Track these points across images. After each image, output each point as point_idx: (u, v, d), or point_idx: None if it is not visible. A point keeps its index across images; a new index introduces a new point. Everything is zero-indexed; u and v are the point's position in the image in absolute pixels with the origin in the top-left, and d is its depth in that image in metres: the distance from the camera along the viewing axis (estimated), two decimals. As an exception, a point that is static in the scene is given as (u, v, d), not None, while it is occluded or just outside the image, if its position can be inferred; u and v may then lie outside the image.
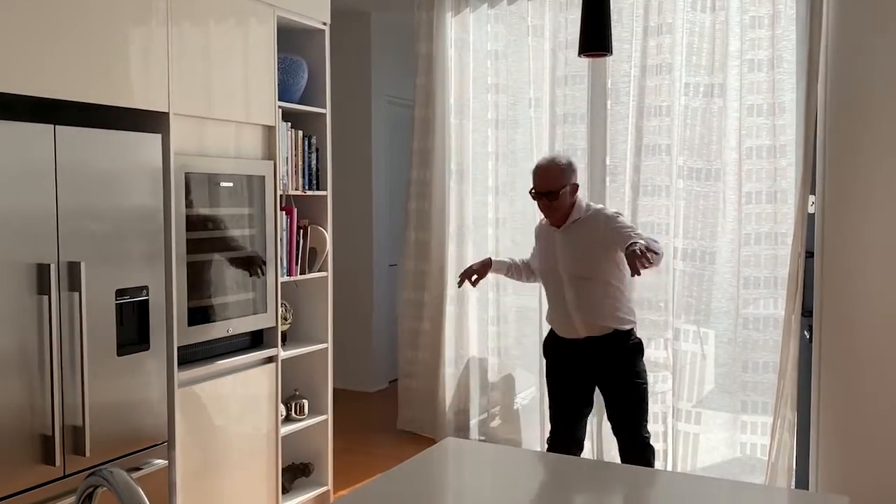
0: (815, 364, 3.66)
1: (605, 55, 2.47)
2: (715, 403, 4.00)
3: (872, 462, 3.54)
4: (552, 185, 3.29)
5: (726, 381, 3.92)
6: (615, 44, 3.79)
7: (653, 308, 4.04)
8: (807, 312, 3.65)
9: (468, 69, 4.66)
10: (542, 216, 3.44)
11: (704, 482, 2.03)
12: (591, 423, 4.27)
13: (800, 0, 3.58)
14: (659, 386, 4.07)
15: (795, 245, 3.57)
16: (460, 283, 3.58)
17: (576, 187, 3.34)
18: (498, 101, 4.58)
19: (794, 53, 3.62)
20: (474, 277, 3.52)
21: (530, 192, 3.41)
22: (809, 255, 3.62)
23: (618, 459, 4.13)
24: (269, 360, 3.33)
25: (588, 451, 4.27)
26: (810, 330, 3.67)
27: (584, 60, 4.18)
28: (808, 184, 3.55)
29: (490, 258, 3.65)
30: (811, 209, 3.60)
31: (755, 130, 3.74)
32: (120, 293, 2.61)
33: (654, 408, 4.09)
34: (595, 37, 2.39)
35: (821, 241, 3.62)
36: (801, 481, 3.77)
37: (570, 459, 2.41)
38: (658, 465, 4.06)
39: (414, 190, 4.87)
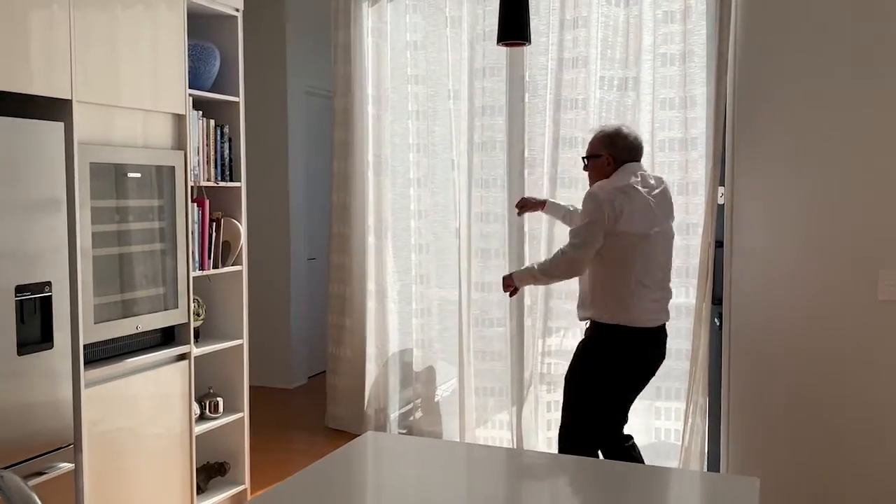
0: (724, 350, 3.78)
1: (523, 44, 2.47)
2: (631, 391, 4.08)
3: (780, 443, 3.68)
4: (587, 150, 3.32)
5: (642, 369, 4.00)
6: (532, 36, 3.81)
7: (569, 298, 4.09)
8: (717, 300, 3.76)
9: (386, 59, 4.61)
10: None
11: (620, 468, 2.06)
12: (511, 412, 4.31)
13: (709, -4, 3.69)
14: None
15: (706, 235, 3.67)
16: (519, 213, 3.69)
17: (609, 161, 3.21)
18: (417, 92, 4.55)
19: (705, 48, 3.71)
20: (524, 209, 3.61)
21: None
22: (719, 244, 3.74)
23: (538, 447, 4.19)
24: (182, 357, 3.22)
25: (507, 441, 4.31)
26: (720, 317, 3.79)
27: (502, 52, 4.20)
28: (718, 176, 3.66)
29: (546, 199, 3.69)
30: (721, 200, 3.71)
31: (668, 123, 3.83)
32: (20, 289, 2.48)
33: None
34: (514, 25, 2.39)
35: (729, 232, 3.73)
36: (714, 464, 3.89)
37: (488, 449, 2.42)
38: (576, 452, 4.13)
39: (336, 182, 4.81)
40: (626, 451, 3.32)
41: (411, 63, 4.55)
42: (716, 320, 3.79)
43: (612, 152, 3.23)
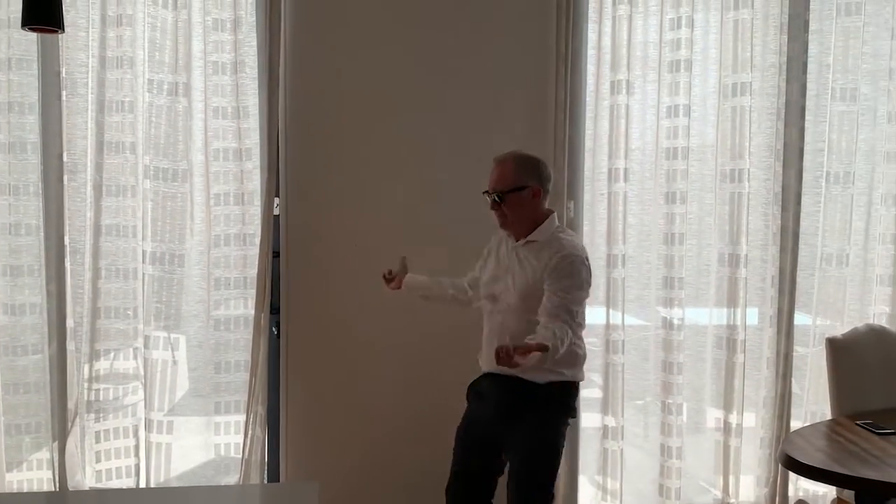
0: (282, 359, 3.85)
1: (55, 32, 2.19)
2: (188, 409, 3.93)
3: (338, 447, 3.86)
4: (498, 184, 2.77)
5: (199, 385, 3.87)
6: (70, 30, 3.44)
7: (120, 316, 3.78)
8: (274, 310, 3.81)
9: None
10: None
11: (180, 492, 1.93)
12: (52, 448, 3.83)
13: (259, 8, 3.71)
14: (130, 398, 3.84)
15: (263, 246, 3.69)
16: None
17: (537, 193, 2.78)
18: (-80, 81, 3.80)
19: (257, 59, 3.74)
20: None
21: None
22: (276, 254, 3.79)
23: (86, 483, 3.79)
24: None
25: (49, 481, 3.83)
26: (278, 326, 3.84)
27: (32, 43, 3.73)
28: (273, 186, 3.71)
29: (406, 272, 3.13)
30: (277, 211, 3.77)
31: (221, 132, 3.76)
32: None
33: (124, 422, 3.85)
34: (42, 7, 2.10)
35: (286, 242, 3.81)
36: (274, 474, 3.92)
37: (19, 496, 2.09)
38: (130, 481, 3.84)
39: None
40: None
41: (-89, 46, 3.79)
42: (274, 329, 3.83)
43: (542, 184, 2.79)
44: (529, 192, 2.78)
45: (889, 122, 4.04)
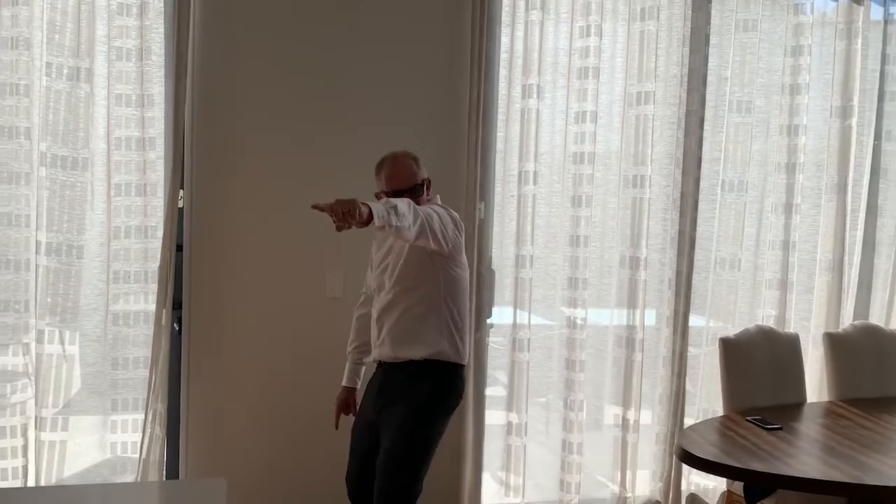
0: (184, 355, 3.76)
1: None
2: (82, 406, 3.77)
3: (240, 447, 3.79)
4: (411, 180, 2.92)
5: (95, 382, 3.72)
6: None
7: (10, 310, 3.60)
8: (177, 305, 3.71)
9: None
10: None
11: (69, 491, 1.86)
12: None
13: (167, -6, 3.62)
14: (17, 396, 3.66)
15: (166, 239, 3.59)
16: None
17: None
18: None
19: (164, 46, 3.63)
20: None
21: (377, 195, 2.92)
22: (179, 248, 3.69)
23: None
24: None
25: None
26: (180, 322, 3.75)
27: (-82, 18, 3.50)
28: (179, 178, 3.61)
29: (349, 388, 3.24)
30: (181, 203, 3.67)
31: (124, 121, 3.63)
32: None
33: (11, 421, 3.67)
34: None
35: (189, 235, 3.72)
36: (172, 474, 3.82)
37: None
38: (18, 483, 3.66)
39: None
40: None
41: None
42: (175, 325, 3.73)
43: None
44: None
45: (780, 135, 4.27)
